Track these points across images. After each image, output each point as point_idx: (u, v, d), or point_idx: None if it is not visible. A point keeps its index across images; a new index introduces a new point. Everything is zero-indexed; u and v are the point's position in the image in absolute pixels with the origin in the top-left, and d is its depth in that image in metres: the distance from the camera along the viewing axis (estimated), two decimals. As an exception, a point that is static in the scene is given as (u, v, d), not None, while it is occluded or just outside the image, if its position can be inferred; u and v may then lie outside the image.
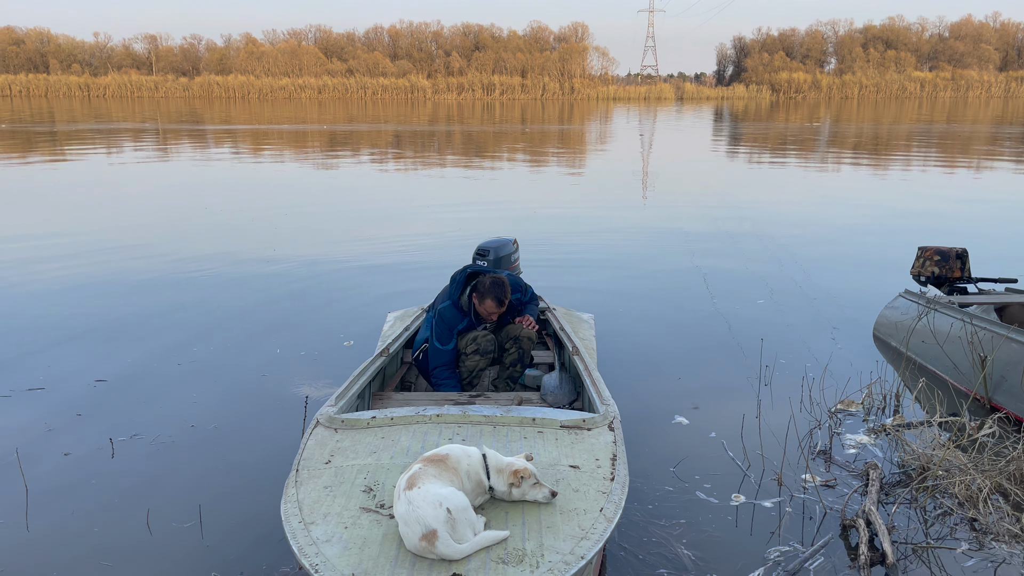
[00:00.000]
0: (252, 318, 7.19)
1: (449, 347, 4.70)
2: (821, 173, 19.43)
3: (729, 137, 33.23)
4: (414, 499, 2.52)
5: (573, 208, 13.76)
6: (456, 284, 4.81)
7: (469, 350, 4.74)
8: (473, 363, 4.76)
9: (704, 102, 76.80)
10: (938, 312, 5.78)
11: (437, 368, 4.71)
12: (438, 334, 4.71)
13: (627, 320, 7.14)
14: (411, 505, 2.51)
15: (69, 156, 22.62)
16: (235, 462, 4.46)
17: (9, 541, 3.70)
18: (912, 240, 7.59)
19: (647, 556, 3.54)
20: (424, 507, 2.48)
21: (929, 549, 3.59)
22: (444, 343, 4.70)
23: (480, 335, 4.76)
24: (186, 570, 3.46)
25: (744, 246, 10.27)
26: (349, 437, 3.40)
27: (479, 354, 4.75)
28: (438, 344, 4.70)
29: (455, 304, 4.77)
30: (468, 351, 4.75)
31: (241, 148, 25.94)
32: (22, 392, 5.43)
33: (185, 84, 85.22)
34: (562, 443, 3.32)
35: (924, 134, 32.22)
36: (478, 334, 4.77)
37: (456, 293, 4.78)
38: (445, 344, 4.70)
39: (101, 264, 9.29)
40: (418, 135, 31.81)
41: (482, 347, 4.75)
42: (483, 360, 4.78)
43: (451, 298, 4.79)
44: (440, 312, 4.76)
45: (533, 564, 2.44)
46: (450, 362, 4.73)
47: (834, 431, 4.82)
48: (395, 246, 10.33)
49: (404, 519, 2.50)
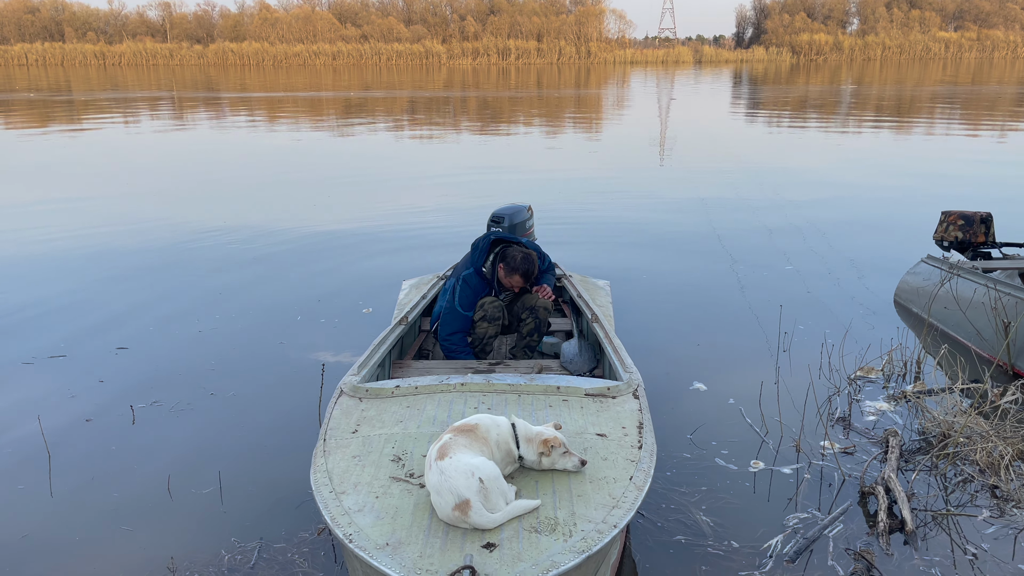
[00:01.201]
0: (270, 286, 7.22)
1: (470, 314, 4.69)
2: (842, 137, 19.14)
3: (748, 101, 32.76)
4: (446, 469, 2.51)
5: (589, 174, 13.65)
6: (480, 251, 4.77)
7: (477, 316, 4.73)
8: (482, 330, 4.75)
9: (723, 65, 75.68)
10: (961, 277, 5.70)
11: (456, 334, 4.68)
12: (463, 299, 4.68)
13: (643, 287, 7.10)
14: (443, 475, 2.50)
15: (88, 125, 22.68)
16: (254, 429, 4.49)
17: (33, 505, 3.75)
18: (935, 205, 7.48)
19: (666, 523, 3.54)
20: (457, 477, 2.48)
21: (949, 516, 3.57)
22: (467, 309, 4.69)
23: (488, 301, 4.74)
24: (206, 535, 3.50)
25: (763, 212, 10.15)
26: (374, 406, 3.40)
27: (486, 321, 4.73)
28: (460, 308, 4.67)
29: (479, 272, 4.74)
30: (476, 318, 4.74)
31: (256, 116, 25.89)
32: (44, 359, 5.49)
33: (200, 51, 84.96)
34: (587, 411, 3.31)
35: (948, 96, 31.61)
36: (486, 300, 4.74)
37: (480, 261, 4.75)
38: (467, 310, 4.69)
39: (122, 233, 9.33)
40: (433, 101, 31.59)
41: (489, 314, 4.72)
42: (491, 327, 4.76)
43: (475, 265, 4.75)
44: (465, 278, 4.73)
45: (566, 533, 2.44)
46: (466, 329, 4.72)
47: (853, 398, 4.79)
48: (410, 213, 10.30)
49: (436, 489, 2.50)
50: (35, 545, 3.44)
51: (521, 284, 4.77)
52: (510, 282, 4.76)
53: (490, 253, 4.85)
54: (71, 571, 3.27)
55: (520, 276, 4.72)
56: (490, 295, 4.81)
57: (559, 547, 2.37)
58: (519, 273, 4.70)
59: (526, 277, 4.73)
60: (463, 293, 4.71)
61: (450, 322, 4.70)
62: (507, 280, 4.76)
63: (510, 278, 4.75)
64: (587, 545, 2.38)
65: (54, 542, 3.46)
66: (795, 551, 3.32)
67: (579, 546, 2.37)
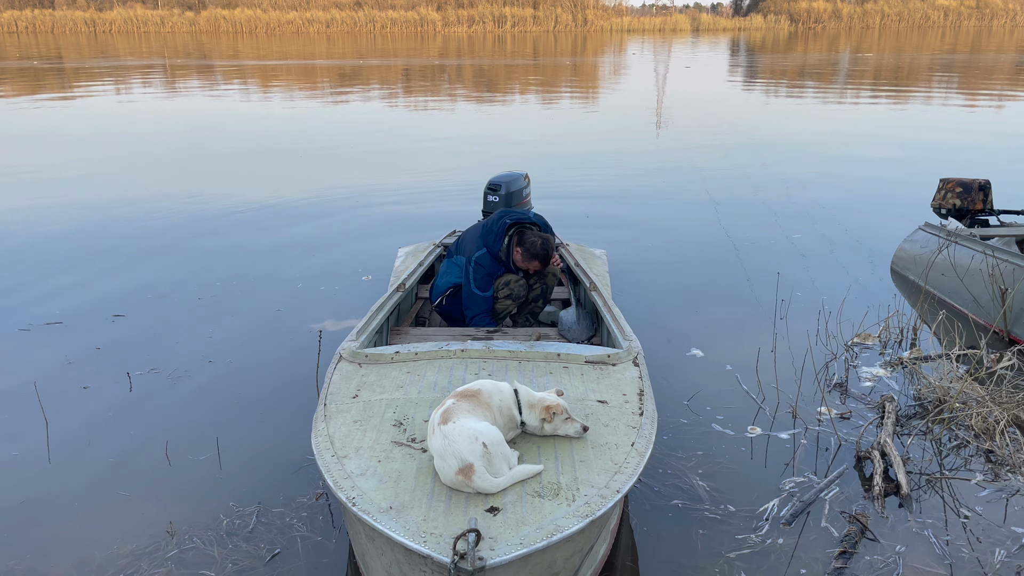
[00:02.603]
0: (268, 254, 7.18)
1: (488, 294, 4.72)
2: (839, 106, 19.03)
3: (745, 70, 32.51)
4: (449, 433, 2.51)
5: (584, 142, 13.57)
6: (497, 235, 4.75)
7: (501, 294, 4.76)
8: (504, 306, 4.78)
9: (720, 33, 75.02)
10: (959, 245, 5.69)
11: (479, 315, 4.72)
12: (477, 281, 4.70)
13: (640, 255, 7.08)
14: (447, 440, 2.50)
15: (79, 93, 22.43)
16: (251, 396, 4.49)
17: (31, 472, 3.76)
18: (933, 173, 7.46)
19: (663, 488, 3.56)
20: (460, 442, 2.48)
21: (944, 480, 3.60)
22: (483, 290, 4.71)
23: (513, 280, 4.78)
24: (204, 500, 3.51)
25: (760, 181, 10.12)
26: (374, 372, 3.39)
27: (511, 299, 4.77)
28: (477, 291, 4.70)
29: (493, 254, 4.74)
30: (500, 295, 4.76)
31: (249, 85, 25.63)
32: (40, 326, 5.47)
33: (191, 19, 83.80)
34: (588, 378, 3.31)
35: (946, 64, 31.40)
36: (511, 278, 4.78)
37: (498, 245, 4.74)
38: (484, 291, 4.71)
39: (117, 202, 9.28)
40: (428, 70, 31.29)
41: (515, 292, 4.77)
42: (513, 304, 4.81)
43: (490, 247, 4.75)
44: (478, 260, 4.73)
45: (569, 497, 2.44)
46: (490, 309, 4.74)
47: (850, 364, 4.80)
48: (407, 182, 10.24)
49: (440, 453, 2.50)
50: (33, 510, 3.45)
51: (539, 268, 4.80)
52: (527, 266, 4.78)
53: (504, 236, 4.82)
54: (70, 536, 3.28)
55: (539, 261, 4.74)
56: (504, 275, 4.80)
57: (563, 511, 2.37)
58: (538, 259, 4.73)
59: (545, 262, 4.76)
60: (477, 275, 4.71)
61: (472, 305, 4.72)
62: (525, 264, 4.78)
63: (528, 263, 4.76)
64: (590, 510, 2.39)
65: (52, 508, 3.47)
66: (791, 514, 3.35)
67: (582, 510, 2.38)
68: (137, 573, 3.04)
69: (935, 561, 3.08)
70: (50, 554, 3.17)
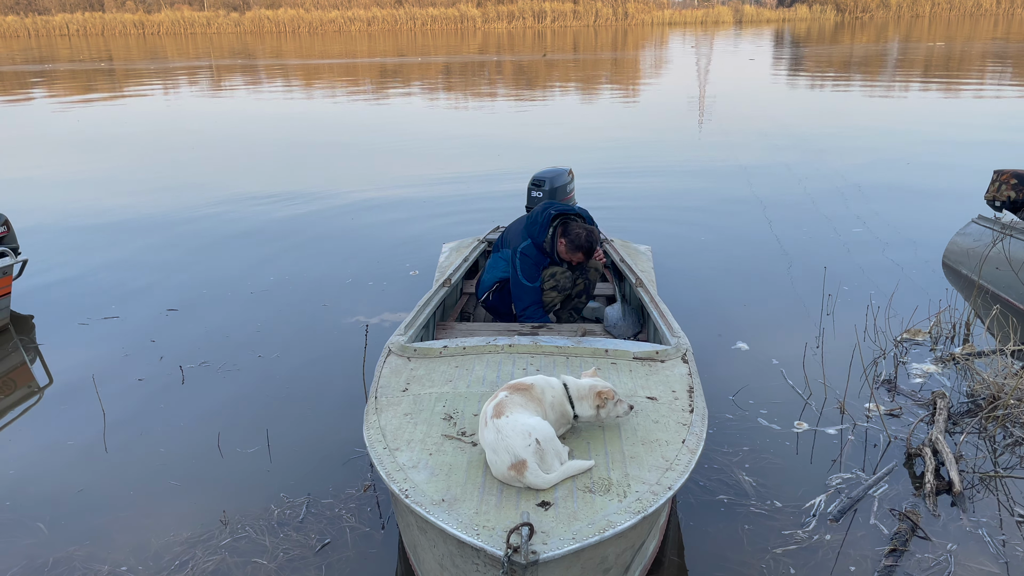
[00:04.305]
0: (317, 250, 7.31)
1: (536, 284, 4.72)
2: (888, 97, 18.63)
3: (790, 61, 31.98)
4: (503, 428, 2.51)
5: (628, 138, 13.49)
6: (541, 226, 4.76)
7: (547, 286, 4.76)
8: (549, 299, 4.78)
9: (764, 25, 73.86)
10: (1014, 238, 5.55)
11: (530, 307, 4.73)
12: (525, 272, 4.71)
13: (685, 251, 7.04)
14: (500, 434, 2.50)
15: (132, 94, 22.95)
16: (299, 389, 4.58)
17: (89, 460, 3.89)
18: (986, 166, 7.25)
19: (708, 483, 3.54)
20: (513, 437, 2.48)
21: (997, 478, 3.52)
22: (532, 280, 4.72)
23: (559, 272, 4.78)
24: (255, 490, 3.59)
25: (805, 175, 9.96)
26: (423, 366, 3.43)
27: (557, 290, 4.77)
28: (526, 282, 4.71)
29: (538, 245, 4.75)
30: (546, 287, 4.76)
31: (293, 83, 25.97)
32: (98, 320, 5.64)
33: (236, 19, 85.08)
34: (636, 375, 3.31)
35: (1000, 54, 30.52)
36: (557, 270, 4.78)
37: (542, 236, 4.74)
38: (533, 282, 4.72)
39: (171, 200, 9.50)
40: (468, 66, 31.37)
41: (560, 284, 4.77)
42: (559, 296, 4.80)
43: (535, 239, 4.76)
44: (523, 251, 4.74)
45: (620, 494, 2.44)
46: (539, 300, 4.75)
47: (899, 360, 4.72)
48: (450, 178, 10.30)
49: (493, 447, 2.50)
50: (91, 499, 3.57)
51: (582, 260, 4.78)
52: (571, 257, 4.76)
53: (549, 226, 4.83)
54: (126, 524, 3.38)
55: (583, 253, 4.73)
56: (548, 266, 4.81)
57: (614, 507, 2.37)
58: (582, 251, 4.71)
59: (588, 254, 4.74)
60: (524, 266, 4.71)
61: (522, 296, 4.73)
62: (568, 255, 4.76)
63: (572, 254, 4.74)
64: (642, 506, 2.38)
65: (109, 496, 3.59)
66: (839, 510, 3.31)
67: (634, 507, 2.37)
68: (192, 560, 3.12)
69: (989, 560, 3.02)
70: (108, 540, 3.28)
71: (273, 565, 3.09)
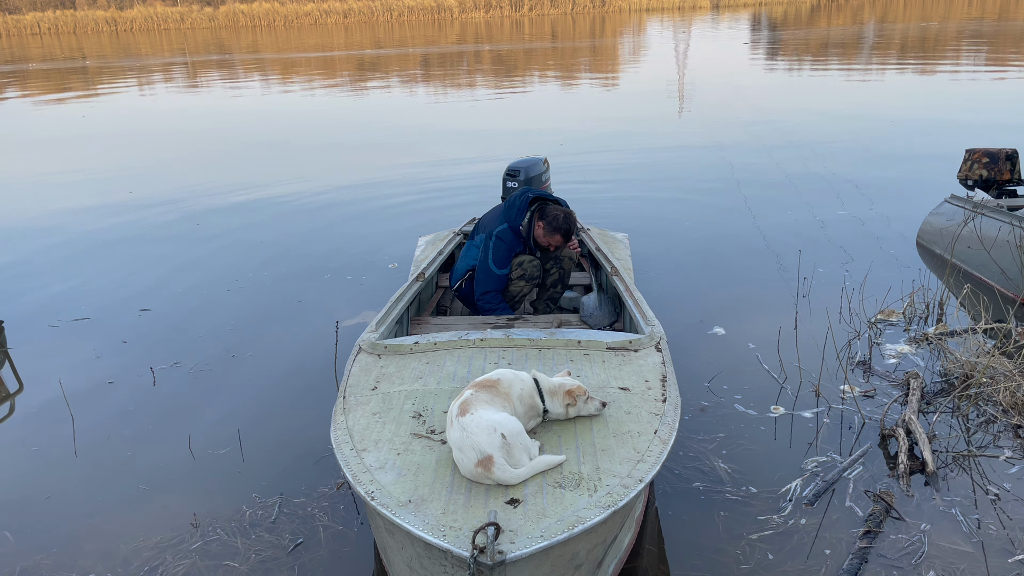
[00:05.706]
0: (293, 246, 7.23)
1: (505, 272, 4.59)
2: (863, 79, 18.69)
3: (767, 45, 32.02)
4: (468, 425, 2.48)
5: (604, 125, 13.46)
6: (519, 210, 4.66)
7: (515, 275, 4.64)
8: (518, 288, 4.68)
9: (741, 9, 73.87)
10: (985, 216, 5.57)
11: (489, 293, 4.60)
12: (496, 257, 4.57)
13: (662, 238, 7.02)
14: (465, 431, 2.46)
15: (104, 92, 22.65)
16: (272, 388, 4.53)
17: (57, 465, 3.83)
18: (958, 146, 7.28)
19: (684, 471, 3.53)
20: (479, 433, 2.44)
21: (971, 457, 3.54)
22: (501, 267, 4.58)
23: (527, 260, 4.66)
24: (227, 491, 3.55)
25: (781, 158, 9.98)
26: (393, 363, 3.37)
27: (525, 279, 4.65)
28: (495, 268, 4.57)
29: (514, 229, 4.66)
30: (514, 276, 4.65)
31: (270, 78, 25.72)
32: (69, 322, 5.56)
33: (210, 14, 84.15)
34: (609, 365, 3.27)
35: (974, 33, 30.69)
36: (524, 259, 4.66)
37: (519, 219, 4.64)
38: (502, 268, 4.58)
39: (143, 198, 9.38)
40: (446, 57, 31.18)
41: (528, 272, 4.65)
42: (528, 286, 4.68)
43: (511, 222, 4.63)
44: (499, 235, 4.60)
45: (591, 488, 2.39)
46: (500, 288, 4.63)
47: (874, 341, 4.73)
48: (426, 169, 10.24)
49: (459, 446, 2.47)
50: (58, 506, 3.51)
51: (560, 243, 4.68)
52: (549, 240, 4.66)
53: (527, 211, 4.75)
54: (94, 530, 3.33)
55: (561, 236, 4.63)
56: (523, 253, 4.74)
57: (584, 502, 2.32)
58: (560, 233, 4.61)
59: (566, 236, 4.64)
60: (497, 250, 4.58)
61: (484, 280, 4.60)
62: (546, 239, 4.66)
63: (550, 237, 4.64)
64: (613, 500, 2.34)
65: (78, 502, 3.53)
66: (814, 494, 3.31)
67: (605, 501, 2.33)
68: (162, 565, 3.08)
69: (963, 539, 3.03)
70: (76, 548, 3.22)
71: (245, 567, 3.05)
